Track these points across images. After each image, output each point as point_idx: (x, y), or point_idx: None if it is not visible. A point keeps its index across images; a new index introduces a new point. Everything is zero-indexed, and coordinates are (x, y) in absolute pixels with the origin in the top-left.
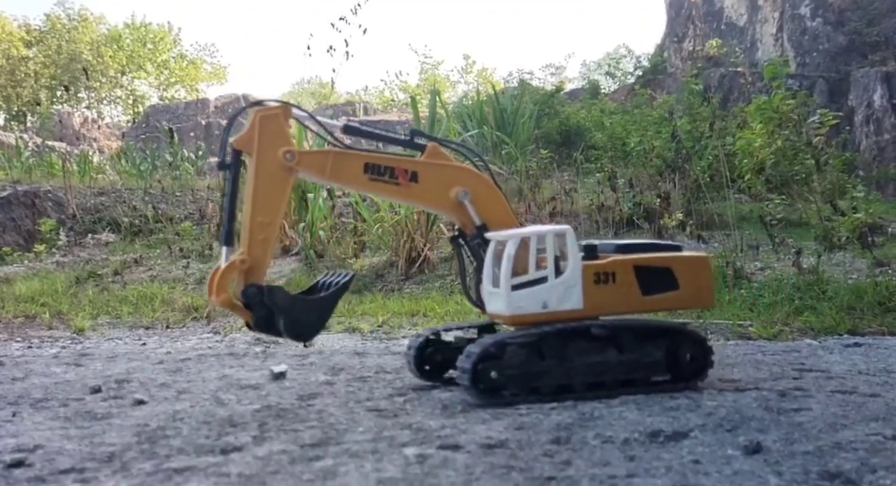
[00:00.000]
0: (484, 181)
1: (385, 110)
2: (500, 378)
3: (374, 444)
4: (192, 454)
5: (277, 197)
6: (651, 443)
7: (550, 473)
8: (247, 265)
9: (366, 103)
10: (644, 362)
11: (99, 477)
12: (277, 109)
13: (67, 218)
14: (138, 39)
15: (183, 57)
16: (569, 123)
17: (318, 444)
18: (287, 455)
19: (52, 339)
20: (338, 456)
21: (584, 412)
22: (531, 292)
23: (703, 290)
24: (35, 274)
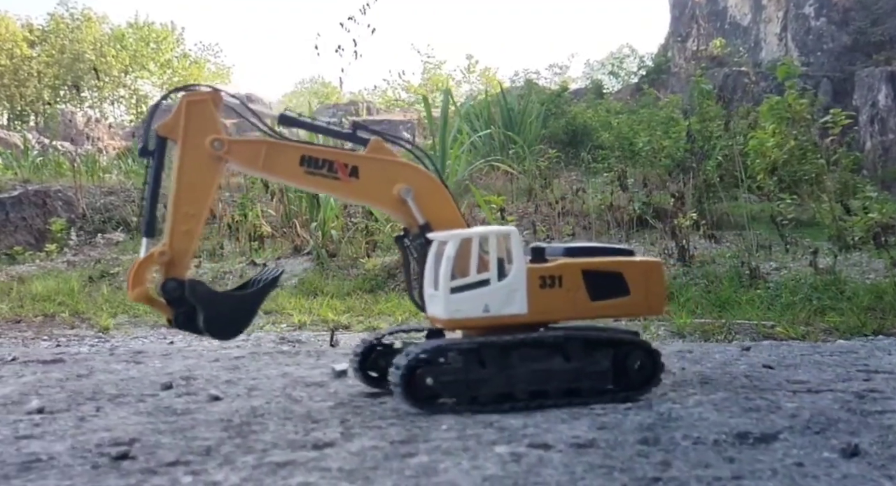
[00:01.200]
0: (429, 179)
1: (388, 110)
2: (437, 385)
3: (461, 442)
4: (286, 448)
5: (204, 187)
6: (741, 445)
7: (653, 473)
8: (167, 258)
9: (369, 103)
10: (590, 371)
11: (207, 469)
12: (206, 94)
13: (77, 217)
14: (141, 39)
15: (186, 57)
16: (575, 122)
17: (407, 441)
18: (379, 451)
19: (77, 337)
20: (430, 453)
21: (661, 413)
22: (472, 295)
23: (654, 296)
24: (47, 273)
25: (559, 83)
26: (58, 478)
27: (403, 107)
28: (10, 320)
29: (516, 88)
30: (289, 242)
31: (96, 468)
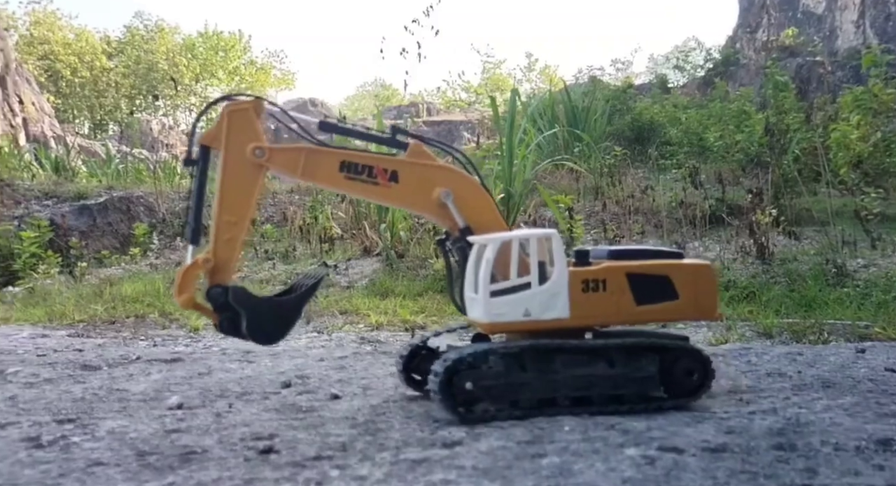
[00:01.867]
0: (469, 182)
1: (448, 111)
2: (476, 390)
3: (588, 444)
4: (416, 446)
5: (246, 195)
6: (886, 452)
7: (801, 481)
8: (211, 265)
9: (429, 104)
10: (635, 377)
11: (351, 464)
12: (247, 103)
13: (158, 222)
14: (211, 48)
15: (253, 63)
16: (641, 119)
17: (532, 441)
18: (508, 451)
19: (171, 337)
20: (559, 454)
21: (789, 418)
22: (512, 299)
23: (704, 300)
24: (133, 276)
25: (622, 79)
26: (218, 469)
27: (463, 107)
28: (106, 322)
29: (579, 85)
30: (358, 243)
31: (248, 461)
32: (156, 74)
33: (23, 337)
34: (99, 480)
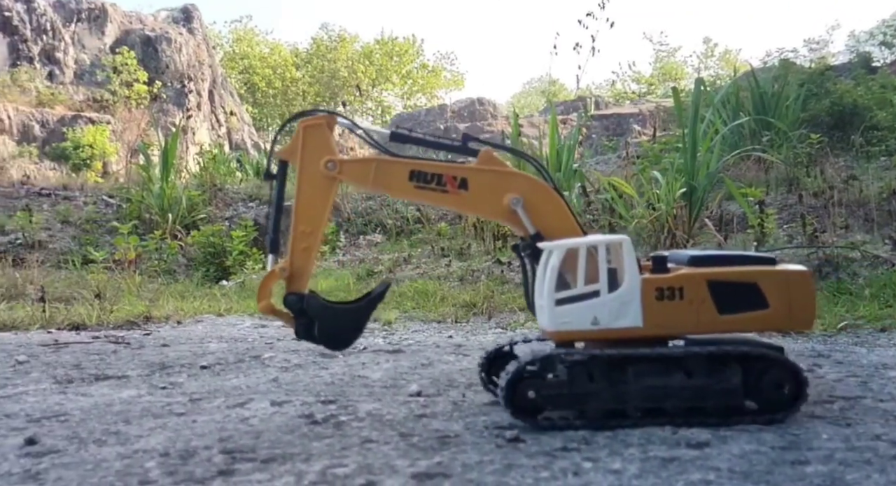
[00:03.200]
0: (540, 187)
1: (617, 103)
2: (539, 399)
3: (857, 453)
4: (661, 444)
5: (320, 206)
6: None
7: None
8: (287, 273)
9: (598, 97)
10: (716, 388)
11: (601, 458)
12: (321, 118)
13: (343, 221)
14: (386, 53)
15: (425, 66)
16: (842, 102)
17: (788, 447)
18: (763, 456)
19: (368, 330)
20: (825, 462)
21: None
22: (580, 307)
23: (799, 309)
24: (324, 272)
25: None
26: (477, 453)
27: (634, 99)
28: None
29: (767, 68)
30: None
31: (501, 448)
32: (337, 82)
33: (246, 327)
34: (377, 455)
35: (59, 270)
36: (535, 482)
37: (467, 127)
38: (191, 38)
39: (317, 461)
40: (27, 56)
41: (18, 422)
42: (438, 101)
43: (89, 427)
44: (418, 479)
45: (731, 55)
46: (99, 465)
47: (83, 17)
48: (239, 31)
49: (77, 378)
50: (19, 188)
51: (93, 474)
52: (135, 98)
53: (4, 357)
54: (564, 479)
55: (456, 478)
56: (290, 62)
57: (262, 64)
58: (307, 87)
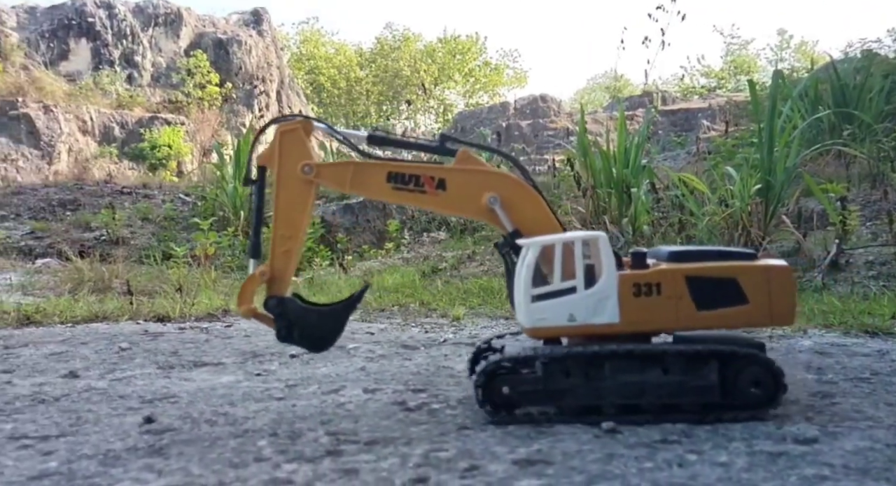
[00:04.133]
0: (518, 185)
1: (685, 98)
2: (513, 395)
3: None
4: (766, 439)
5: (298, 210)
6: None
7: None
8: (267, 277)
9: (664, 93)
10: (692, 385)
11: (705, 450)
12: (297, 123)
13: (408, 219)
14: (448, 52)
15: (487, 64)
16: None
17: None
18: (879, 453)
19: (437, 326)
20: None
21: None
22: (556, 303)
23: (779, 304)
24: (389, 268)
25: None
26: (575, 443)
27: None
28: (377, 309)
29: (848, 60)
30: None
31: (599, 438)
32: (399, 81)
33: None
34: (475, 442)
35: (140, 265)
36: (639, 471)
37: (530, 124)
38: (260, 41)
39: (418, 445)
40: (108, 60)
41: (133, 402)
42: (500, 98)
43: (198, 408)
44: (520, 465)
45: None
46: (215, 443)
47: (160, 22)
48: (306, 33)
49: (177, 364)
50: (103, 187)
51: (210, 450)
52: (207, 99)
53: (108, 344)
54: (670, 470)
55: (558, 465)
56: (354, 62)
57: (327, 64)
58: (371, 86)
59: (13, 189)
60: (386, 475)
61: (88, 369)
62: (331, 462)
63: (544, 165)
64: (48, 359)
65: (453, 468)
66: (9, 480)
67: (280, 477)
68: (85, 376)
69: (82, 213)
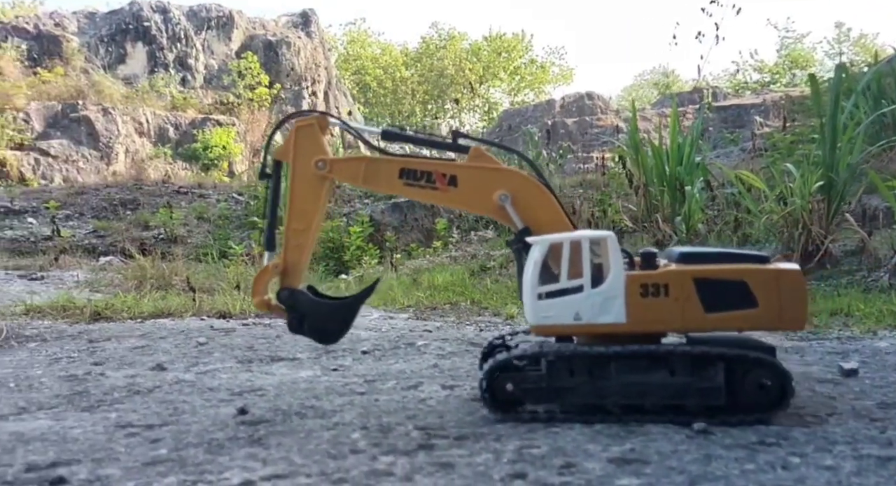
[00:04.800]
0: (529, 183)
1: (737, 94)
2: (517, 392)
3: None
4: (869, 443)
5: (312, 204)
6: None
7: None
8: (280, 269)
9: (715, 88)
10: (698, 387)
11: (807, 453)
12: (312, 119)
13: (455, 217)
14: (494, 50)
15: (533, 62)
16: None
17: None
18: None
19: (491, 324)
20: None
21: None
22: (562, 302)
23: (789, 308)
24: (437, 267)
25: None
26: (667, 442)
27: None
28: (429, 307)
29: None
30: (650, 236)
31: (691, 438)
32: (444, 80)
33: (375, 318)
34: (565, 439)
35: (197, 263)
36: (742, 473)
37: (576, 122)
38: (308, 42)
39: (508, 441)
40: (163, 63)
41: (222, 395)
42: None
43: (286, 401)
44: (616, 464)
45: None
46: (309, 434)
47: (212, 25)
48: (353, 33)
49: (255, 359)
50: (161, 187)
51: (307, 441)
52: (257, 101)
53: (185, 339)
54: (774, 472)
55: (655, 465)
56: (399, 62)
57: (373, 64)
58: (416, 85)
59: (76, 189)
60: (483, 470)
61: (173, 363)
62: (425, 456)
63: (591, 163)
64: (133, 352)
65: (549, 464)
66: (126, 465)
67: (379, 469)
68: (171, 369)
69: (141, 212)
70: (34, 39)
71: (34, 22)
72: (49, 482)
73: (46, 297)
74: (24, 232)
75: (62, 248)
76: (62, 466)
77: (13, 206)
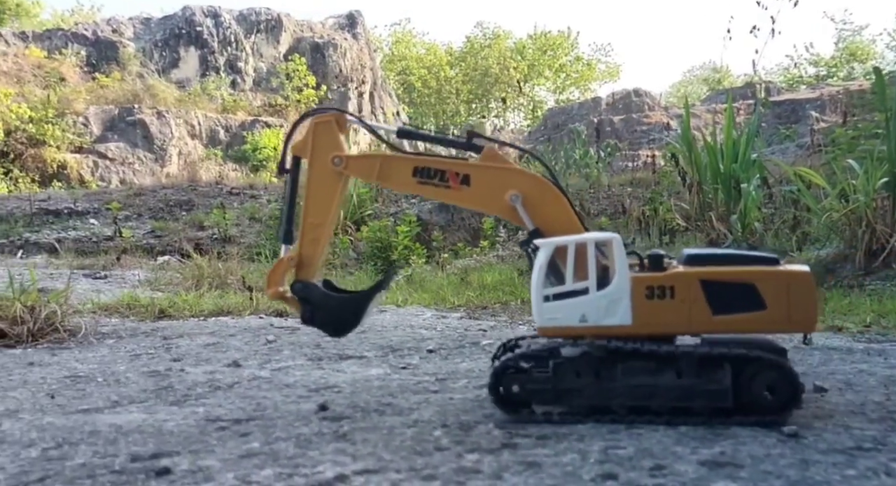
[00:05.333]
0: (542, 184)
1: (791, 89)
2: (523, 393)
3: None
4: None
5: (328, 200)
6: None
7: None
8: (295, 262)
9: (768, 83)
10: (704, 389)
11: None
12: (330, 116)
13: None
14: (539, 48)
15: (579, 59)
16: None
17: None
18: None
19: None
20: None
21: None
22: (568, 304)
23: (798, 311)
24: (484, 266)
25: None
26: (758, 446)
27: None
28: (479, 307)
29: None
30: (704, 235)
31: (782, 442)
32: (489, 79)
33: (428, 317)
34: (650, 441)
35: (250, 262)
36: (843, 479)
37: (622, 119)
38: (354, 44)
39: (592, 442)
40: (214, 66)
41: (300, 391)
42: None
43: (363, 398)
44: (708, 466)
45: None
46: (392, 431)
47: (261, 28)
48: (398, 34)
49: (324, 357)
50: (214, 188)
51: (390, 438)
52: (304, 102)
53: (254, 337)
54: (878, 479)
55: (749, 469)
56: (444, 61)
57: (418, 64)
58: (460, 84)
59: (134, 191)
60: (571, 470)
61: (247, 360)
62: (510, 455)
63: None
64: (206, 349)
65: (638, 466)
66: (223, 457)
67: (466, 466)
68: (246, 366)
69: (196, 212)
70: (93, 45)
71: (93, 28)
72: (155, 472)
73: (111, 295)
74: (87, 232)
75: (123, 248)
76: (164, 457)
77: (76, 207)
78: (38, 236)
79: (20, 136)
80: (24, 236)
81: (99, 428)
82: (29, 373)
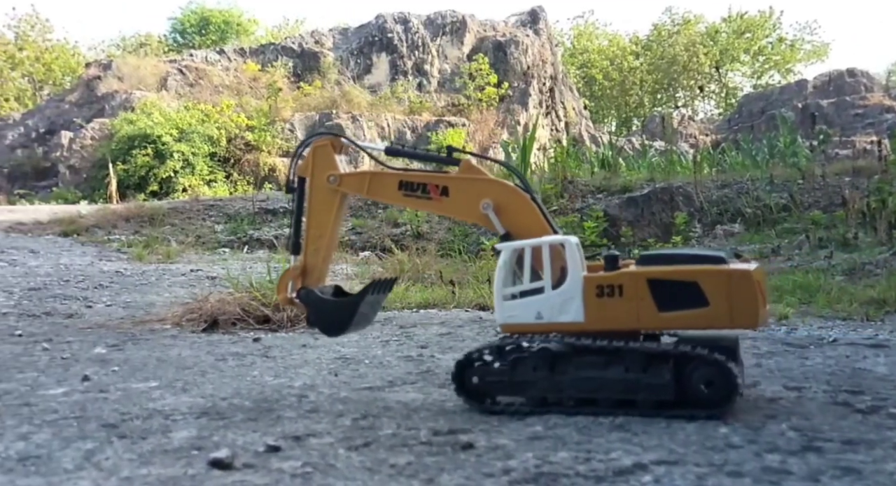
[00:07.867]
0: (511, 192)
1: None
2: (482, 385)
3: None
4: None
5: (326, 213)
6: None
7: None
8: (298, 270)
9: None
10: (647, 383)
11: None
12: (327, 140)
13: (696, 210)
14: (735, 31)
15: (781, 40)
16: None
17: None
18: None
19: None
20: None
21: None
22: (526, 303)
23: (740, 308)
24: None
25: None
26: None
27: None
28: None
29: None
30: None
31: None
32: (676, 68)
33: None
34: None
35: (442, 258)
36: None
37: (833, 103)
38: (536, 40)
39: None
40: (403, 70)
41: None
42: (795, 77)
43: None
44: None
45: None
46: (670, 425)
47: (446, 31)
48: (580, 27)
49: None
50: None
51: (672, 432)
52: (485, 101)
53: (481, 328)
54: None
55: None
56: (627, 51)
57: (600, 57)
58: (645, 75)
59: None
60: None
61: None
62: (817, 458)
63: (853, 149)
64: (444, 338)
65: None
66: (513, 438)
67: (772, 466)
68: None
69: (391, 210)
70: (298, 57)
71: (298, 41)
72: (461, 446)
73: None
74: None
75: None
76: (460, 433)
77: (290, 207)
78: (260, 233)
79: (238, 142)
80: (249, 233)
81: (390, 405)
82: (305, 354)
